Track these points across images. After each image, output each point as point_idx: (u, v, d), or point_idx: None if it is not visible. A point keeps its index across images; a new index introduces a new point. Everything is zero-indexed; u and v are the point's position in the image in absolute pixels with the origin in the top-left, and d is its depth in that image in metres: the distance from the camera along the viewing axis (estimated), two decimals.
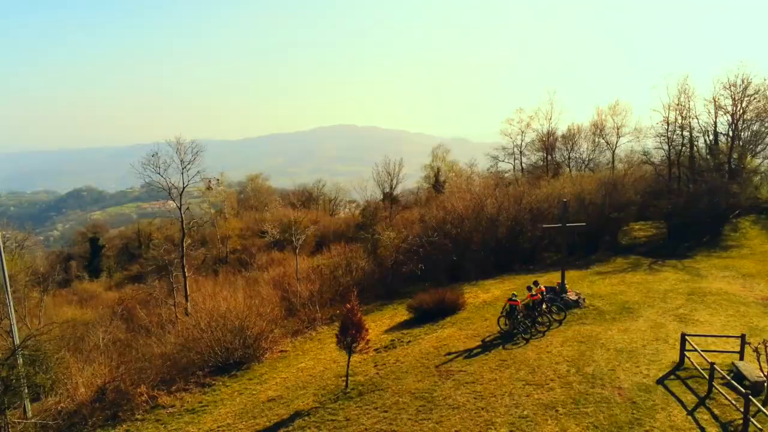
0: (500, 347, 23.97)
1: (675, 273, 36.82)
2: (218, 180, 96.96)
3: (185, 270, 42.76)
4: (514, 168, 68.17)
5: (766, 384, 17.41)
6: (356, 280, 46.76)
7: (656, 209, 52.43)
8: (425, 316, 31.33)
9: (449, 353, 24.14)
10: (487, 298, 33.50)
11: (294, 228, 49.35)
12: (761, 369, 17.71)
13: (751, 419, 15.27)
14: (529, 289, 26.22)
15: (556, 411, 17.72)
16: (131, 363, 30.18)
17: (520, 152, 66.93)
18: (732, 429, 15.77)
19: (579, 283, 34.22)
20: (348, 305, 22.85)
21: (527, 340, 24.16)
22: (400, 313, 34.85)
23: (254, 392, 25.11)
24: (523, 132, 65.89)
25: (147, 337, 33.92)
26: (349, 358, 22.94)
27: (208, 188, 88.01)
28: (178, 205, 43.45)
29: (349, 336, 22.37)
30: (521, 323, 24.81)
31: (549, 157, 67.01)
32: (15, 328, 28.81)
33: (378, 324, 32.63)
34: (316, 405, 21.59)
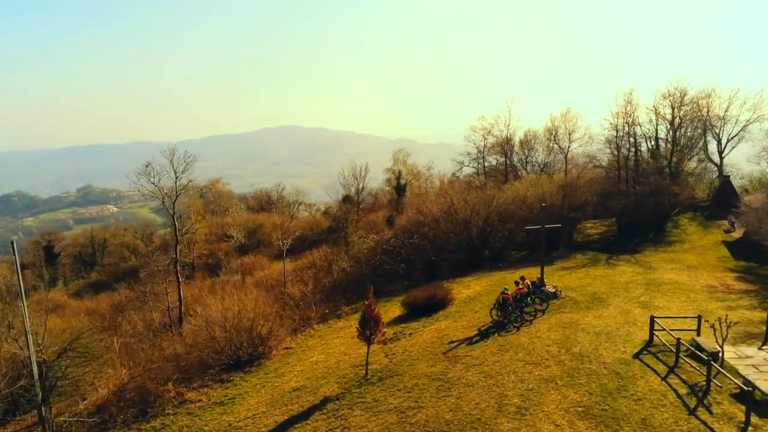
0: (496, 335, 27.49)
1: (630, 267, 41.60)
2: (209, 188, 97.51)
3: (179, 275, 44.34)
4: (477, 172, 72.43)
5: (720, 353, 21.56)
6: (338, 281, 49.73)
7: (608, 209, 57.67)
8: (418, 311, 34.59)
9: (451, 342, 27.47)
10: (470, 294, 37.09)
11: (280, 233, 51.55)
12: (717, 341, 21.89)
13: (713, 380, 19.31)
14: (517, 283, 29.96)
15: (556, 383, 21.30)
16: (146, 364, 32.03)
17: (483, 157, 71.21)
18: (698, 389, 19.74)
19: (549, 278, 38.20)
20: (366, 302, 25.73)
21: (518, 328, 27.80)
22: (391, 309, 37.97)
23: (276, 384, 27.68)
24: (485, 138, 70.18)
25: (154, 340, 35.71)
26: (369, 348, 25.90)
27: (201, 196, 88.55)
28: (172, 213, 44.86)
29: (368, 329, 25.31)
30: (512, 313, 28.44)
31: (508, 162, 71.74)
32: (30, 337, 30.20)
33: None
34: (342, 391, 24.45)
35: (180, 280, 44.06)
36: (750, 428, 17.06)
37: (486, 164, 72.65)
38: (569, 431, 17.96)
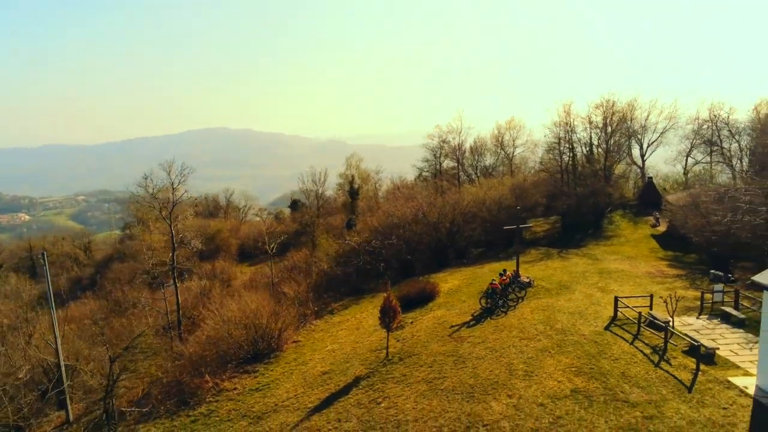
0: (488, 318, 32.76)
1: (580, 259, 48.31)
2: (205, 197, 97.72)
3: (176, 280, 46.94)
4: (434, 176, 78.17)
5: (671, 322, 27.75)
6: (318, 281, 53.74)
7: (553, 209, 64.79)
8: (410, 304, 39.33)
9: (452, 326, 32.50)
10: (451, 287, 42.29)
11: (266, 237, 54.91)
12: (668, 313, 28.10)
13: (669, 341, 25.37)
14: (501, 275, 35.42)
15: (549, 352, 26.73)
16: (169, 361, 35.09)
17: (440, 163, 77.04)
18: (658, 349, 25.73)
19: (521, 268, 44.15)
20: (385, 295, 30.30)
21: (505, 312, 33.21)
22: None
23: (303, 370, 31.71)
24: (441, 145, 76.05)
25: (162, 340, 38.53)
26: (389, 333, 30.52)
27: (195, 206, 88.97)
28: (169, 222, 47.41)
29: (388, 317, 29.91)
30: (500, 300, 33.85)
31: (460, 166, 77.99)
32: (60, 343, 32.73)
33: (373, 314, 40.08)
34: (370, 371, 28.92)
35: (177, 285, 46.66)
36: (700, 372, 23.09)
37: (441, 168, 78.52)
38: (569, 385, 23.36)
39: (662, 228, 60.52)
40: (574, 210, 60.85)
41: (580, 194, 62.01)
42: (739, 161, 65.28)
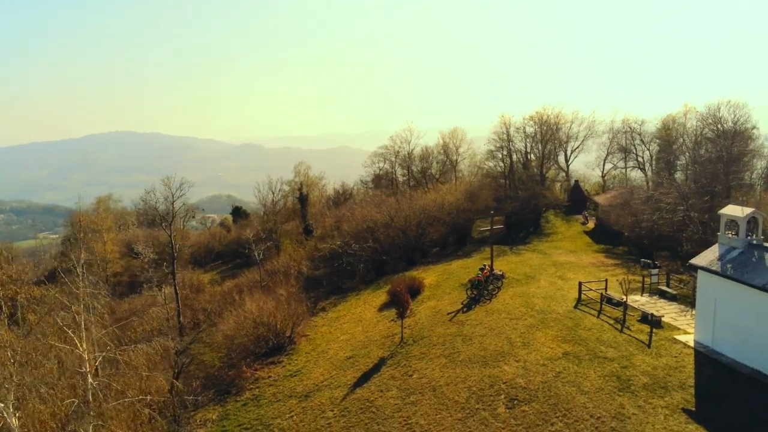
0: (476, 306, 39.42)
1: (532, 254, 56.28)
2: (203, 210, 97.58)
3: (176, 287, 50.22)
4: (393, 183, 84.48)
5: (625, 299, 35.58)
6: (300, 282, 58.46)
7: (500, 210, 72.94)
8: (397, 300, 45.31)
9: (449, 313, 38.86)
10: (431, 282, 48.66)
11: (252, 244, 58.92)
12: (622, 293, 35.98)
13: (627, 313, 33.15)
14: (482, 269, 42.28)
15: (537, 327, 33.71)
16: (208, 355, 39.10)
17: (394, 171, 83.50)
18: (619, 320, 33.37)
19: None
20: (398, 289, 36.21)
21: (489, 300, 40.04)
22: (371, 300, 48.21)
23: (327, 357, 36.92)
24: (395, 155, 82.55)
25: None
26: (402, 321, 36.43)
27: (192, 217, 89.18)
28: (169, 233, 50.58)
29: (402, 307, 35.87)
30: (484, 290, 40.65)
31: (410, 174, 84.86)
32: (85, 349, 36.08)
33: (367, 308, 45.75)
34: (390, 352, 34.70)
35: (177, 290, 50.01)
36: (653, 334, 30.87)
37: (394, 175, 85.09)
38: (559, 350, 30.39)
39: (591, 225, 70.24)
40: (518, 211, 69.22)
41: (521, 197, 70.52)
42: (650, 166, 76.55)
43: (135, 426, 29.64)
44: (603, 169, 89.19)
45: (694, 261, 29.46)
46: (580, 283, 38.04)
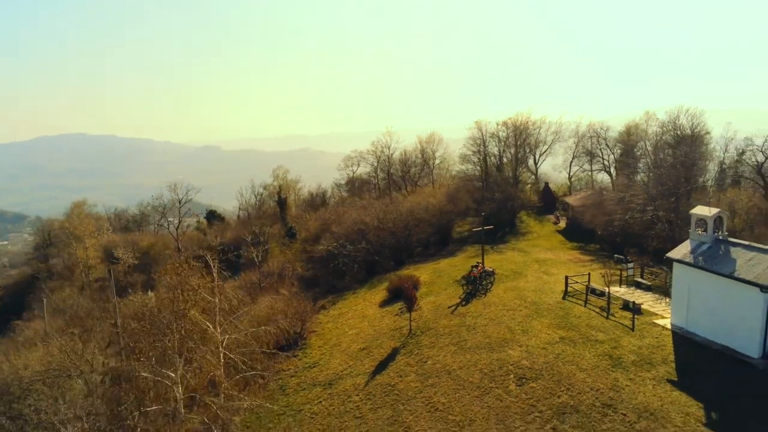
0: (473, 300, 43.25)
1: (513, 252, 60.64)
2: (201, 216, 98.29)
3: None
4: (376, 187, 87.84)
5: (607, 290, 40.00)
6: (299, 283, 61.18)
7: (479, 212, 77.27)
8: (398, 295, 48.68)
9: (449, 307, 42.56)
10: (425, 280, 52.31)
11: (251, 247, 61.27)
12: (605, 285, 40.40)
13: (611, 302, 37.57)
14: (477, 266, 46.18)
15: (532, 317, 37.75)
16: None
17: (376, 175, 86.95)
18: (604, 308, 37.73)
19: (469, 263, 55.21)
20: (406, 285, 39.70)
21: (485, 294, 43.95)
22: (370, 297, 51.56)
23: (341, 349, 40.07)
24: (377, 159, 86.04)
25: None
26: (410, 314, 39.89)
27: (198, 222, 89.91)
28: (175, 236, 52.62)
29: (409, 302, 39.39)
30: (479, 285, 44.55)
31: (389, 178, 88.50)
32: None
33: (368, 304, 49.03)
34: (401, 343, 38.15)
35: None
36: (635, 319, 35.30)
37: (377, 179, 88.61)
38: (556, 335, 34.46)
39: (562, 224, 75.34)
40: (495, 212, 73.67)
41: (498, 199, 75.08)
42: (614, 169, 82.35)
43: None
44: (570, 171, 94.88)
45: (670, 254, 34.04)
46: (566, 277, 42.31)
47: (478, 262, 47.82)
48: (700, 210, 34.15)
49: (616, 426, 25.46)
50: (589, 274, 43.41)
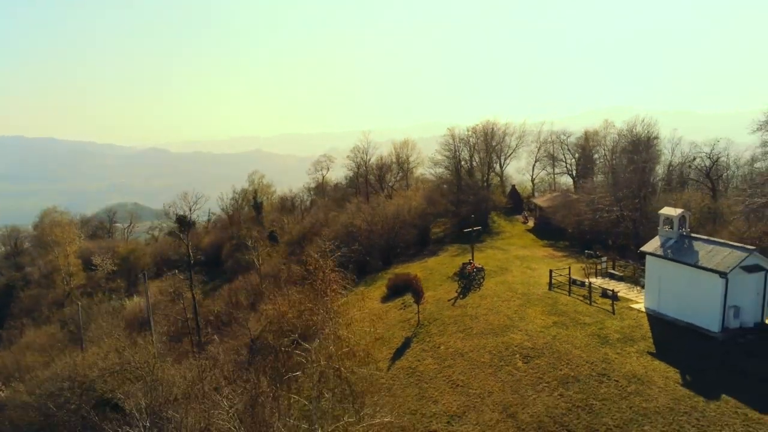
0: (470, 293, 48.46)
1: (493, 250, 66.30)
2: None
3: (193, 291, 55.33)
4: (357, 191, 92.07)
5: (587, 281, 45.92)
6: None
7: (456, 213, 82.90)
8: (397, 291, 53.43)
9: (449, 299, 47.60)
10: (419, 277, 57.18)
11: (255, 252, 64.62)
12: (584, 276, 46.32)
13: (593, 290, 43.52)
14: (470, 263, 51.44)
15: (526, 306, 43.22)
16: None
17: (357, 180, 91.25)
18: (586, 297, 43.57)
19: (455, 261, 60.51)
20: (414, 281, 44.50)
21: (478, 288, 49.22)
22: (369, 294, 56.06)
23: (358, 340, 44.34)
24: (357, 166, 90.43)
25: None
26: (419, 307, 44.69)
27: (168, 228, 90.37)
28: (187, 242, 55.55)
29: (418, 296, 44.22)
30: (474, 280, 49.79)
31: (367, 183, 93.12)
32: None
33: (370, 301, 53.50)
34: (412, 333, 42.93)
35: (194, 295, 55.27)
36: (615, 304, 41.26)
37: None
38: (549, 320, 39.99)
39: (530, 224, 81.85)
40: (471, 213, 79.39)
41: (472, 201, 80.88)
42: (575, 172, 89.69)
43: None
44: (532, 174, 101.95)
45: (643, 249, 40.17)
46: (550, 271, 48.06)
47: (469, 260, 53.10)
48: (667, 210, 40.44)
49: (612, 390, 31.04)
50: (569, 267, 49.36)
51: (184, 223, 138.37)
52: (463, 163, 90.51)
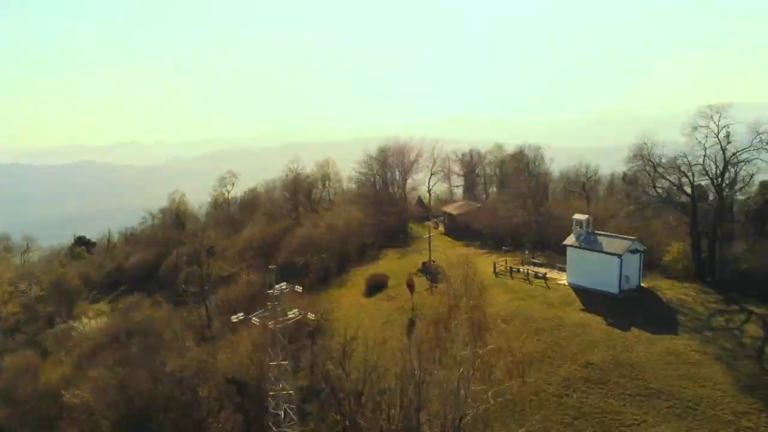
0: (438, 284, 64.13)
1: (427, 252, 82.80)
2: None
3: (207, 306, 64.01)
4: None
5: (521, 268, 64.07)
6: None
7: (386, 223, 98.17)
8: (375, 289, 67.38)
9: (426, 289, 62.89)
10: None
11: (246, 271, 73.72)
12: (520, 264, 64.52)
13: (528, 274, 61.85)
14: (431, 261, 67.29)
15: (489, 291, 59.74)
16: None
17: (289, 194, 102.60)
18: (524, 278, 61.63)
19: (407, 261, 76.00)
20: (409, 279, 59.30)
21: (443, 279, 65.15)
22: (347, 293, 69.31)
23: (367, 326, 57.93)
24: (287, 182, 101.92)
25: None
26: (412, 296, 59.45)
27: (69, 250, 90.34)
28: (206, 260, 63.98)
29: (412, 289, 59.09)
30: (437, 274, 65.61)
31: (296, 199, 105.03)
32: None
33: (354, 296, 66.86)
34: (412, 315, 57.61)
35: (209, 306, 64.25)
36: (547, 282, 59.79)
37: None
38: (508, 296, 57.29)
39: (441, 229, 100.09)
40: (397, 223, 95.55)
41: (395, 212, 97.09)
42: (485, 184, 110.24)
43: None
44: (429, 185, 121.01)
45: (565, 243, 59.28)
46: (494, 263, 65.67)
47: (430, 259, 69.04)
48: (578, 216, 60.08)
49: (567, 333, 49.02)
50: (506, 260, 67.50)
51: (84, 243, 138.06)
52: (378, 177, 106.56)
